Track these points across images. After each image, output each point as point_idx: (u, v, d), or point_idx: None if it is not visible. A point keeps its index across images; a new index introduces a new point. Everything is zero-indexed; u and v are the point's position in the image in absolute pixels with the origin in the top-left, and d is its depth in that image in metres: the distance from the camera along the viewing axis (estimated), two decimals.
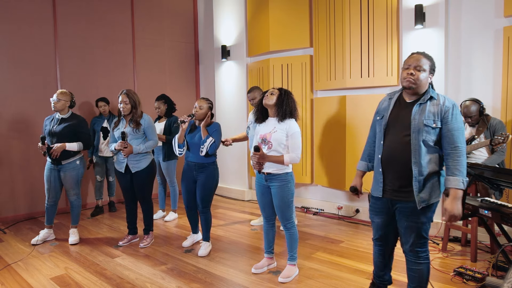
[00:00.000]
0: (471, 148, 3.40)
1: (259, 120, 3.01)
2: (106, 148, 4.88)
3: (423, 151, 2.10)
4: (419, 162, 2.10)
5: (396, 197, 2.19)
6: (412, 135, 2.11)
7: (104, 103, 4.95)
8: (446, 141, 2.09)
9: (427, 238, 2.22)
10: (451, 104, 2.11)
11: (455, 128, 2.08)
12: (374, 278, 2.54)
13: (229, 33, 5.90)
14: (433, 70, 2.19)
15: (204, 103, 3.44)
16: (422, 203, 2.11)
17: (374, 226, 2.39)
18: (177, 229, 4.38)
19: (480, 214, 2.73)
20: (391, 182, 2.20)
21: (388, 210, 2.27)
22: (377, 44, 4.24)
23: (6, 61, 4.79)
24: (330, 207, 4.88)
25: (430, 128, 2.10)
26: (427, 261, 2.23)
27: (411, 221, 2.16)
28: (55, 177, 3.82)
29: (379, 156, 2.24)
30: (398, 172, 2.17)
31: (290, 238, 3.01)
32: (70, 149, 3.73)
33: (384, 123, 2.24)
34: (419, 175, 2.10)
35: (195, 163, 3.45)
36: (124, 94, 3.59)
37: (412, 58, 2.17)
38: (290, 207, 2.95)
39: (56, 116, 3.83)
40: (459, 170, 2.04)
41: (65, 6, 5.18)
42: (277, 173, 2.89)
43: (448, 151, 2.08)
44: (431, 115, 2.10)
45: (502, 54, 3.55)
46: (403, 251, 2.28)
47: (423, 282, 2.25)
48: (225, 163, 6.10)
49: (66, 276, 3.11)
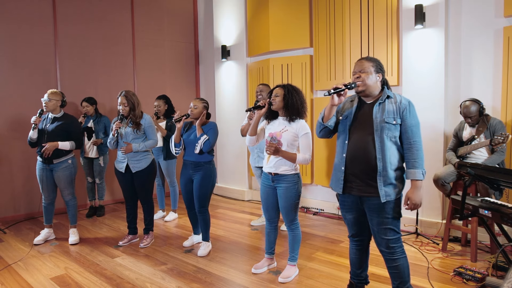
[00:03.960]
0: (471, 148, 3.40)
1: (268, 119, 2.99)
2: (90, 148, 4.82)
3: (386, 147, 2.21)
4: (383, 157, 2.21)
5: (363, 194, 2.28)
6: (376, 133, 2.23)
7: (87, 104, 4.82)
8: (405, 137, 2.24)
9: (399, 233, 2.31)
10: (407, 102, 2.26)
11: (413, 124, 2.23)
12: (352, 278, 2.60)
13: (229, 33, 5.90)
14: (380, 70, 2.30)
15: (199, 103, 3.47)
16: (386, 197, 2.21)
17: (347, 223, 2.48)
18: (177, 229, 4.38)
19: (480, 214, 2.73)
20: (358, 179, 2.29)
21: (357, 207, 2.36)
22: (377, 44, 4.24)
23: (6, 61, 4.79)
24: (330, 207, 4.88)
25: (391, 125, 2.22)
26: (403, 255, 2.30)
27: (381, 217, 2.25)
28: (47, 177, 3.82)
29: (343, 155, 2.32)
30: (363, 169, 2.26)
31: (293, 239, 3.00)
32: (63, 148, 3.73)
33: (349, 123, 2.34)
34: (384, 170, 2.21)
35: (192, 162, 3.47)
36: (122, 96, 3.60)
37: (356, 65, 2.31)
38: (296, 209, 2.94)
39: (49, 116, 3.84)
40: (418, 163, 2.20)
41: (65, 7, 5.18)
42: (285, 173, 2.87)
43: (407, 146, 2.23)
44: (391, 113, 2.23)
45: (502, 54, 3.55)
46: (380, 251, 2.35)
47: (405, 277, 2.31)
48: (225, 163, 6.10)
49: (66, 276, 3.11)
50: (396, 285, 2.33)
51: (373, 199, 2.25)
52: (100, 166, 4.90)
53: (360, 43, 4.35)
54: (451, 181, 3.51)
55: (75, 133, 3.85)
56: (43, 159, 3.76)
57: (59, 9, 5.14)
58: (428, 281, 2.85)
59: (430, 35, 3.89)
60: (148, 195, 3.80)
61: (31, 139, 3.75)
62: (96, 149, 4.83)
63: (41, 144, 3.73)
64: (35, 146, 3.81)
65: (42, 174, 3.81)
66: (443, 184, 3.51)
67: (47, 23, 5.08)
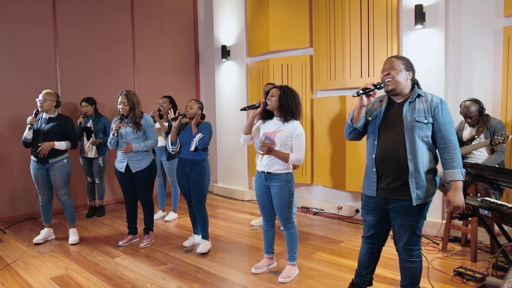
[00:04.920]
0: (471, 148, 3.40)
1: (264, 119, 3.03)
2: (90, 148, 4.82)
3: (418, 147, 2.13)
4: (414, 158, 2.13)
5: (391, 196, 2.21)
6: (406, 133, 2.15)
7: (86, 104, 4.81)
8: (439, 136, 2.15)
9: (420, 236, 2.26)
10: (439, 100, 2.18)
11: (446, 123, 2.14)
12: (356, 277, 2.56)
13: (229, 33, 5.90)
14: (410, 68, 2.24)
15: (194, 103, 3.58)
16: (418, 200, 2.14)
17: (365, 224, 2.42)
18: (177, 229, 4.38)
19: (480, 214, 2.73)
20: (387, 180, 2.22)
21: (381, 209, 2.29)
22: (377, 44, 4.24)
23: (6, 61, 4.79)
24: (330, 207, 4.88)
25: (423, 124, 2.14)
26: (419, 258, 2.27)
27: (406, 219, 2.19)
28: (43, 176, 3.81)
29: (373, 156, 2.26)
30: (393, 170, 2.19)
31: (290, 238, 3.02)
32: (59, 147, 3.74)
33: (378, 123, 2.27)
34: (415, 171, 2.13)
35: (187, 160, 3.55)
36: (123, 95, 3.61)
37: (385, 63, 2.26)
38: (290, 208, 2.95)
39: (44, 116, 3.84)
40: (456, 163, 2.10)
41: (65, 6, 5.18)
42: (278, 173, 2.89)
43: (443, 146, 2.14)
44: (422, 112, 2.15)
45: (502, 54, 3.55)
46: (396, 249, 2.32)
47: (415, 279, 2.29)
48: (225, 163, 6.10)
49: (66, 276, 3.11)
50: (405, 284, 2.31)
51: (402, 202, 2.17)
52: (100, 166, 4.90)
53: (360, 43, 4.35)
54: None
55: (70, 133, 3.85)
56: (38, 159, 3.75)
57: (59, 9, 5.14)
58: (428, 281, 2.85)
59: (430, 35, 3.89)
60: (148, 195, 3.80)
61: (26, 139, 3.75)
62: (95, 149, 4.83)
63: (36, 144, 3.73)
64: (30, 146, 3.81)
65: (37, 174, 3.81)
66: (443, 184, 3.51)
67: (47, 23, 5.08)
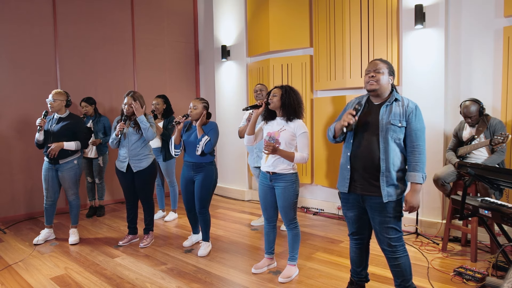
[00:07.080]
0: (471, 148, 3.40)
1: (266, 120, 3.01)
2: (90, 148, 4.81)
3: (391, 148, 2.25)
4: (387, 158, 2.25)
5: (365, 192, 2.32)
6: (381, 134, 2.27)
7: (86, 104, 4.80)
8: (408, 140, 2.28)
9: (401, 232, 2.34)
10: (414, 105, 2.31)
11: (418, 128, 2.27)
12: (352, 276, 2.64)
13: (229, 33, 5.90)
14: (392, 73, 2.37)
15: (198, 103, 3.43)
16: (388, 197, 2.25)
17: (348, 221, 2.52)
18: (177, 229, 4.38)
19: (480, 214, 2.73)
20: (360, 178, 2.33)
21: (359, 205, 2.40)
22: (377, 44, 4.24)
23: (6, 61, 4.79)
24: (330, 207, 4.88)
25: (397, 127, 2.26)
26: (405, 254, 2.34)
27: (382, 216, 2.29)
28: (52, 177, 3.82)
29: (348, 153, 2.38)
30: (367, 168, 2.30)
31: (292, 238, 3.01)
32: (68, 148, 3.74)
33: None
34: (386, 170, 2.25)
35: (193, 163, 3.45)
36: (129, 97, 3.60)
37: (370, 64, 2.37)
38: (295, 208, 2.94)
39: (55, 116, 3.84)
40: (419, 166, 2.25)
41: (65, 6, 5.18)
42: (283, 173, 2.88)
43: (410, 149, 2.28)
44: (397, 116, 2.27)
45: (502, 54, 3.55)
46: (382, 249, 2.37)
47: (407, 275, 2.34)
48: (225, 163, 6.10)
49: (66, 276, 3.11)
50: (399, 283, 2.36)
51: (375, 198, 2.29)
52: (100, 166, 4.90)
53: (360, 43, 4.35)
54: (451, 181, 3.51)
55: (81, 133, 3.85)
56: (49, 159, 3.76)
57: (59, 9, 5.14)
58: (428, 281, 2.85)
59: (430, 35, 3.89)
60: (148, 195, 3.80)
61: (38, 141, 3.76)
62: (95, 149, 4.83)
63: (47, 145, 3.73)
64: (42, 147, 3.81)
65: (47, 174, 3.82)
66: (443, 184, 3.51)
67: (47, 23, 5.08)
